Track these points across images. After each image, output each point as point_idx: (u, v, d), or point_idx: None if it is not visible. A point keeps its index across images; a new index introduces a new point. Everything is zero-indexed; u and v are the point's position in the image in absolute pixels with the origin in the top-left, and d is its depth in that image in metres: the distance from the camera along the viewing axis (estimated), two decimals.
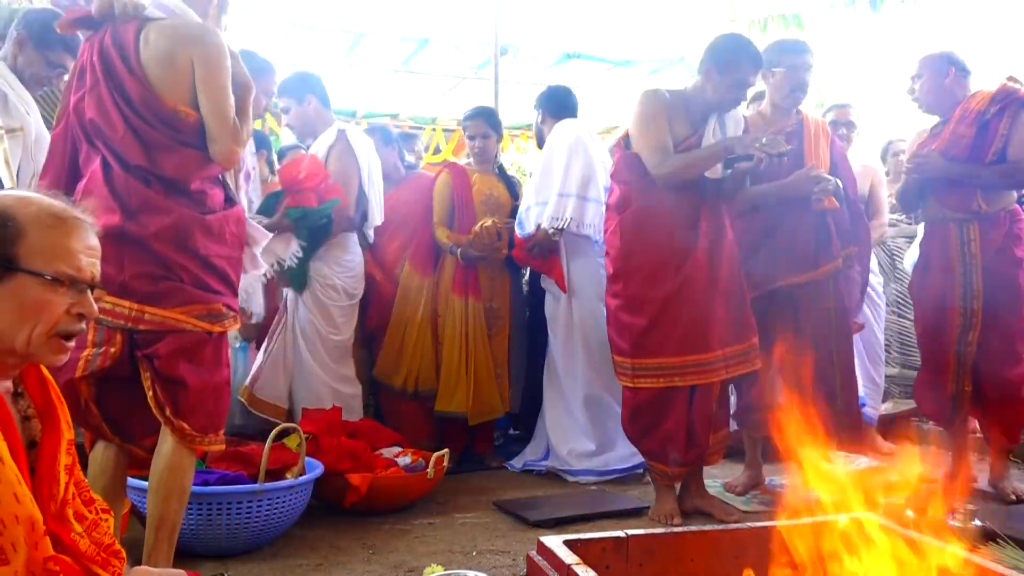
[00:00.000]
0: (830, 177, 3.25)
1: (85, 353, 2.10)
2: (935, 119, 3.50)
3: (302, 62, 7.72)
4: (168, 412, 2.15)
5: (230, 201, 2.36)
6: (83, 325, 1.38)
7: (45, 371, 1.42)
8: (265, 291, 3.42)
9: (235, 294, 2.34)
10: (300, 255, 3.39)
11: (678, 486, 3.16)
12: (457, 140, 8.39)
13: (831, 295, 3.27)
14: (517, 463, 3.92)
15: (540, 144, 4.09)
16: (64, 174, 2.22)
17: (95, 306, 1.39)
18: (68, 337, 1.36)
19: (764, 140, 2.85)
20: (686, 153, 3.01)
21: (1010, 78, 3.31)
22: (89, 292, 1.37)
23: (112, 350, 2.12)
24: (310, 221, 3.30)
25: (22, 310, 1.30)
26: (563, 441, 3.77)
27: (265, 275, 3.22)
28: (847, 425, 3.27)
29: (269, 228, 3.20)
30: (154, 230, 2.12)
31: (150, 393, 2.15)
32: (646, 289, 3.03)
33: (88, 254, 1.37)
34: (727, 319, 3.01)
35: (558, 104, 4.02)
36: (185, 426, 2.16)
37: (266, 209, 3.38)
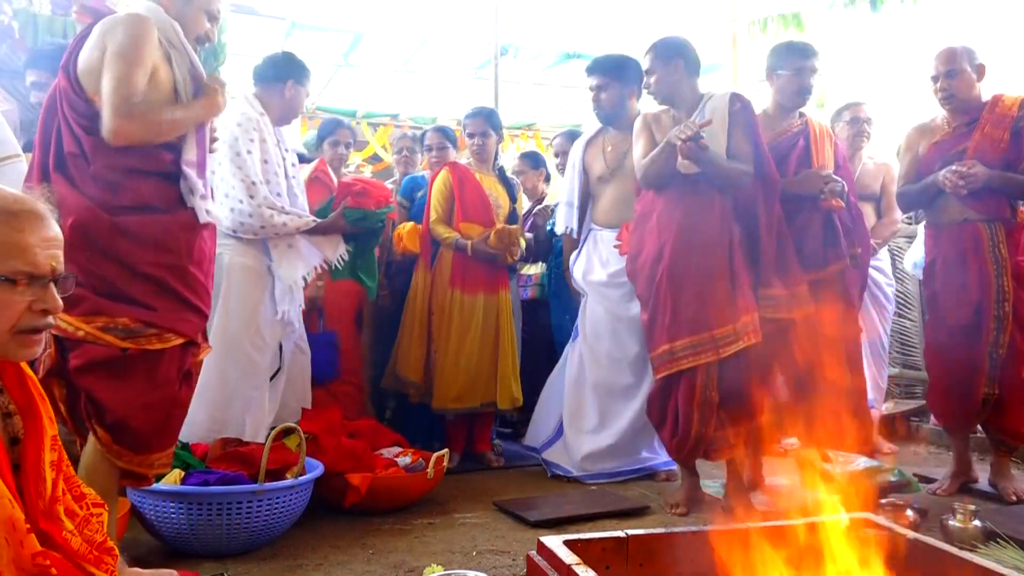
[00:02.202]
0: (838, 178, 3.28)
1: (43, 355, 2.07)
2: (927, 115, 3.47)
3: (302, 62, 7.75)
4: (94, 422, 2.10)
5: (184, 204, 2.23)
6: (48, 319, 1.34)
7: (25, 367, 1.39)
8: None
9: (183, 308, 2.20)
10: (346, 258, 3.50)
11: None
12: (457, 140, 8.38)
13: (839, 294, 3.28)
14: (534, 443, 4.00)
15: (610, 118, 3.81)
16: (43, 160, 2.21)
17: (59, 300, 1.35)
18: (35, 332, 1.33)
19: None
20: (647, 156, 3.18)
21: None
22: (52, 285, 1.33)
23: (50, 351, 2.09)
24: (368, 223, 3.39)
25: None
26: (578, 447, 3.75)
27: (305, 277, 3.29)
28: (856, 425, 3.28)
29: (324, 228, 3.30)
30: (65, 230, 2.08)
31: (82, 396, 2.10)
32: (645, 286, 3.22)
33: (45, 246, 1.33)
34: (715, 301, 3.04)
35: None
36: (109, 439, 2.11)
37: (323, 212, 3.45)
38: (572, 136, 4.39)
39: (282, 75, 3.32)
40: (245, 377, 3.13)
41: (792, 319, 3.12)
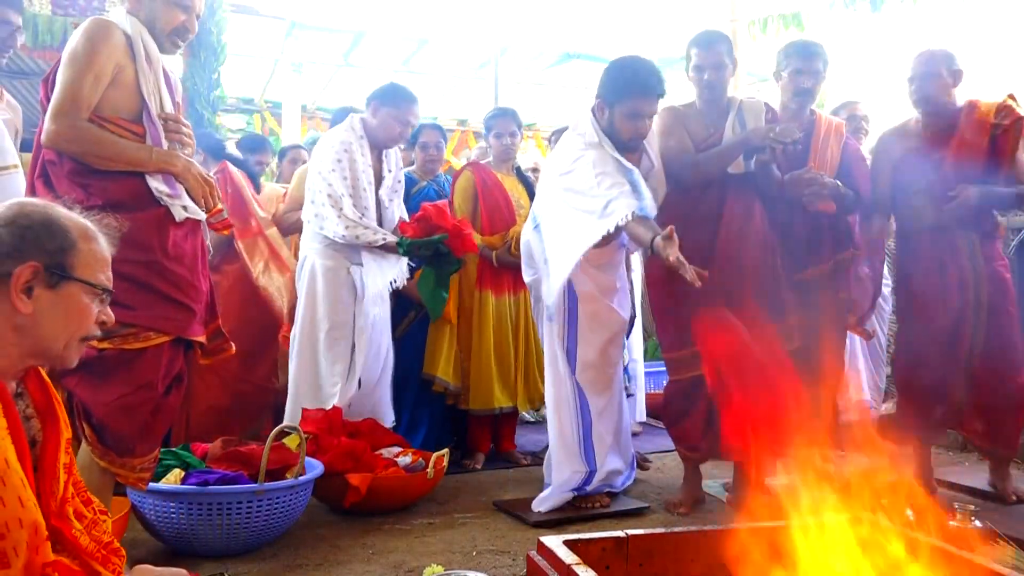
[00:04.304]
0: (828, 180, 3.25)
1: None
2: (899, 119, 3.45)
3: (302, 62, 7.76)
4: (82, 420, 2.13)
5: (156, 201, 2.23)
6: (99, 331, 1.48)
7: (43, 372, 1.45)
8: None
9: (166, 305, 2.20)
10: (407, 277, 3.63)
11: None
12: (457, 140, 8.40)
13: (818, 298, 3.27)
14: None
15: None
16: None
17: (112, 315, 1.49)
18: (89, 340, 1.47)
19: (777, 130, 2.94)
20: (708, 152, 3.12)
21: (1011, 96, 3.22)
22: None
23: None
24: (405, 249, 3.41)
25: (68, 316, 1.39)
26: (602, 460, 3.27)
27: (391, 284, 3.50)
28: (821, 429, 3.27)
29: (386, 248, 3.42)
30: None
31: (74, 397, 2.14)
32: (673, 287, 3.12)
33: (109, 266, 1.49)
34: (754, 304, 3.02)
35: None
36: (95, 439, 2.13)
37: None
38: None
39: (370, 99, 3.57)
40: (328, 368, 3.40)
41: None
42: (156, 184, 2.23)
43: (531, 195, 4.16)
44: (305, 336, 3.44)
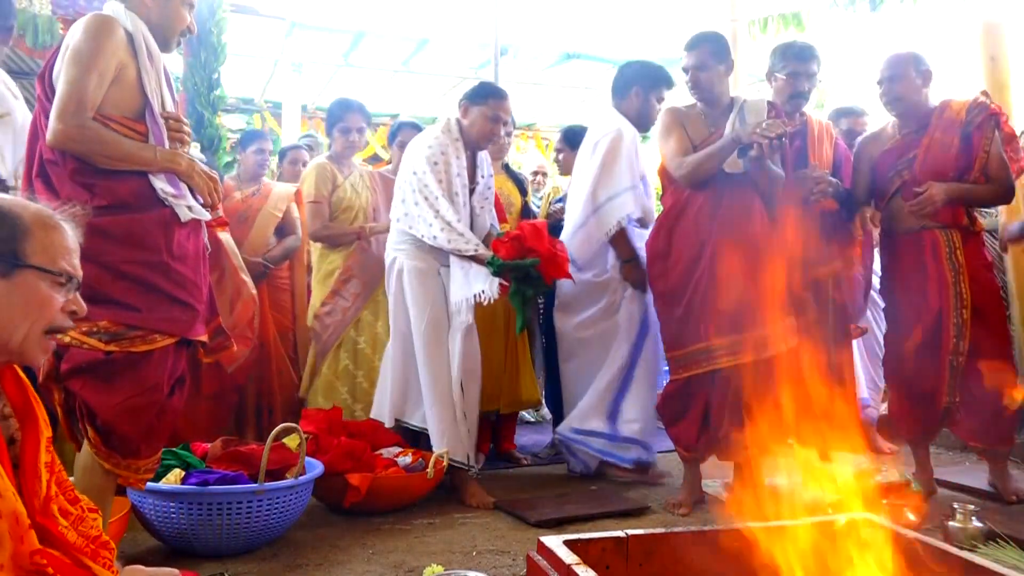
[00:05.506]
0: (832, 179, 3.27)
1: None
2: (878, 124, 3.46)
3: (302, 62, 7.76)
4: (87, 423, 2.12)
5: (161, 202, 2.21)
6: (71, 322, 1.42)
7: (20, 371, 1.43)
8: None
9: (170, 306, 2.19)
10: (494, 296, 3.35)
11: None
12: None
13: (828, 296, 3.28)
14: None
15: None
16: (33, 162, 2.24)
17: (84, 304, 1.43)
18: (58, 332, 1.42)
19: (763, 125, 2.94)
20: (700, 151, 3.13)
21: (983, 92, 3.25)
22: (77, 292, 1.43)
23: (48, 355, 2.13)
24: (494, 269, 3.28)
25: (27, 306, 1.34)
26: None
27: (469, 300, 3.31)
28: (844, 429, 3.27)
29: (476, 259, 3.30)
30: None
31: (76, 399, 2.14)
32: (678, 283, 3.20)
33: (76, 255, 1.43)
34: (754, 302, 3.04)
35: None
36: (99, 441, 2.13)
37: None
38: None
39: (461, 100, 3.54)
40: (421, 368, 3.37)
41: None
42: (161, 184, 2.22)
43: (522, 192, 4.17)
44: (405, 336, 3.42)
